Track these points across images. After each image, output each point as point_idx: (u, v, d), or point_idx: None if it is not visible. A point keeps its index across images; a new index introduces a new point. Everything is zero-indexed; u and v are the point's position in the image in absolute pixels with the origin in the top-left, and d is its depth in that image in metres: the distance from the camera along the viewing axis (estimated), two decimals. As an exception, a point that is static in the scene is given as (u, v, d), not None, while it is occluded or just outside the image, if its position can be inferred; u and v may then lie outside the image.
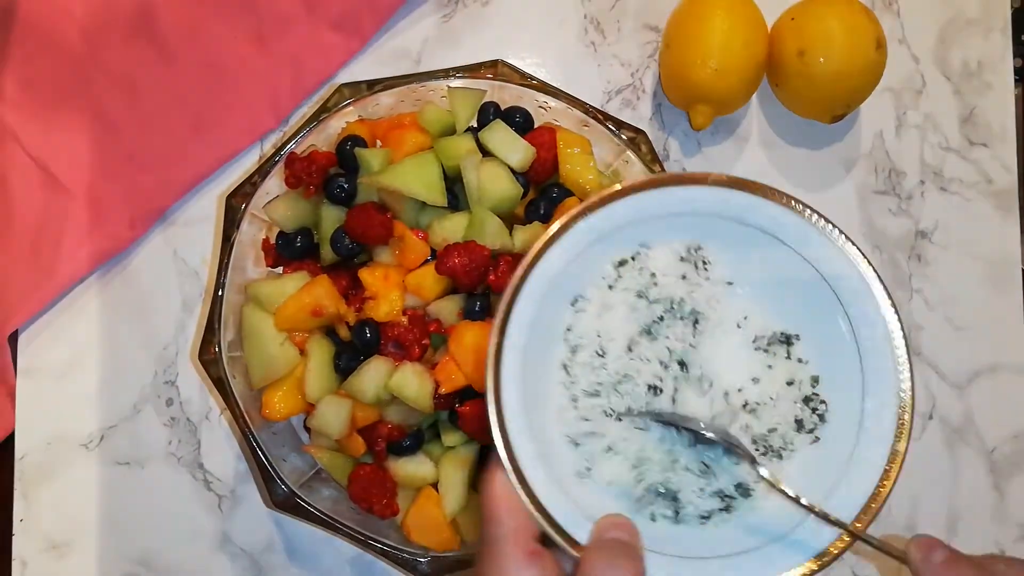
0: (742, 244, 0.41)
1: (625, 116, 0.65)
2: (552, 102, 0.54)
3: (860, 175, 0.65)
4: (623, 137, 0.53)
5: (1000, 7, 0.67)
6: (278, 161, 0.53)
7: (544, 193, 0.55)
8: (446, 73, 0.53)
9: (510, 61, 0.54)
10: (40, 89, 0.62)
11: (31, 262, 0.60)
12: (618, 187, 0.39)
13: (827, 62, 0.58)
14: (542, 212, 0.54)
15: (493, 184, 0.52)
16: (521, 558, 0.36)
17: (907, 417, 0.39)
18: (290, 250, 0.55)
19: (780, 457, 0.41)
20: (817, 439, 0.41)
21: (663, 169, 0.53)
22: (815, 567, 0.37)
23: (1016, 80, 0.68)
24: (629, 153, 0.54)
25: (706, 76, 0.58)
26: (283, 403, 0.52)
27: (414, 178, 0.51)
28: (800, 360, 0.41)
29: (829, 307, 0.40)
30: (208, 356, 0.51)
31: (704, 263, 0.42)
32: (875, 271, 0.40)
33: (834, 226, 0.39)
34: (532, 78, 0.54)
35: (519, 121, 0.55)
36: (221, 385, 0.51)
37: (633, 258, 0.42)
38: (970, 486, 0.63)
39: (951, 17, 0.67)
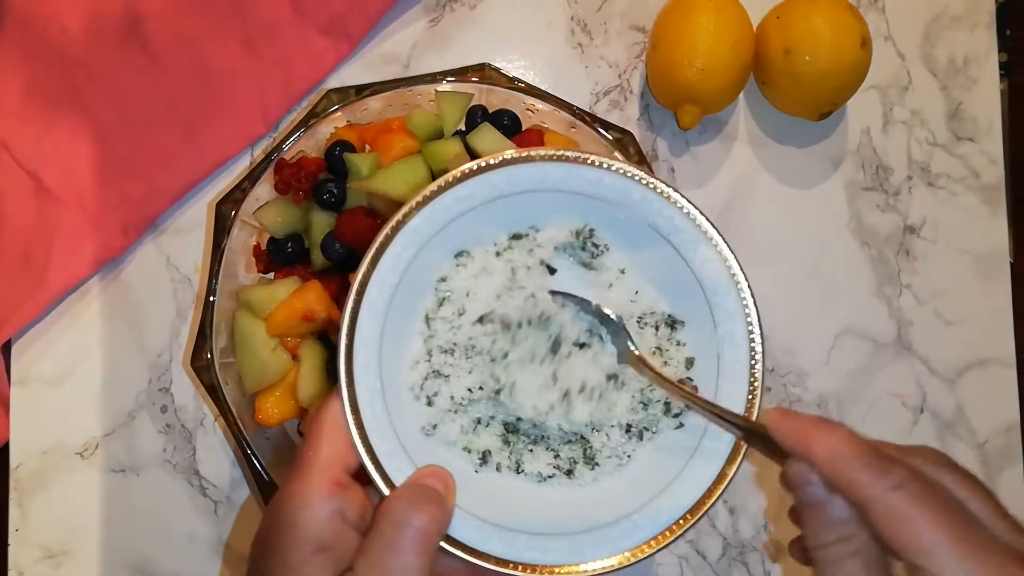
0: (637, 239, 0.43)
1: (613, 117, 0.65)
2: (540, 104, 0.54)
3: (848, 172, 0.66)
4: (611, 138, 0.54)
5: (985, 2, 0.68)
6: (267, 167, 0.53)
7: (533, 195, 0.55)
8: (434, 77, 0.54)
9: (498, 64, 0.54)
10: (30, 98, 0.62)
11: (23, 271, 0.60)
12: (528, 153, 0.40)
13: (813, 60, 0.58)
14: (531, 214, 0.54)
15: (482, 187, 0.52)
16: (324, 486, 0.35)
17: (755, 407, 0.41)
18: (281, 256, 0.55)
19: (640, 438, 0.43)
20: (681, 425, 0.43)
21: (651, 170, 0.54)
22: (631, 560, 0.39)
23: (1001, 75, 0.68)
24: (617, 154, 0.54)
25: (693, 76, 0.58)
26: (276, 408, 0.52)
27: (403, 182, 0.52)
28: (679, 343, 0.44)
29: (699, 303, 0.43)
30: (200, 363, 0.51)
31: (595, 247, 0.44)
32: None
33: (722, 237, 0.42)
34: (519, 81, 0.54)
35: (507, 124, 0.55)
36: (214, 391, 0.51)
37: (527, 235, 0.43)
38: (962, 479, 0.63)
39: (936, 13, 0.68)
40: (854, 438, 0.34)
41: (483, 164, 0.40)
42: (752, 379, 0.41)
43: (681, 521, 0.39)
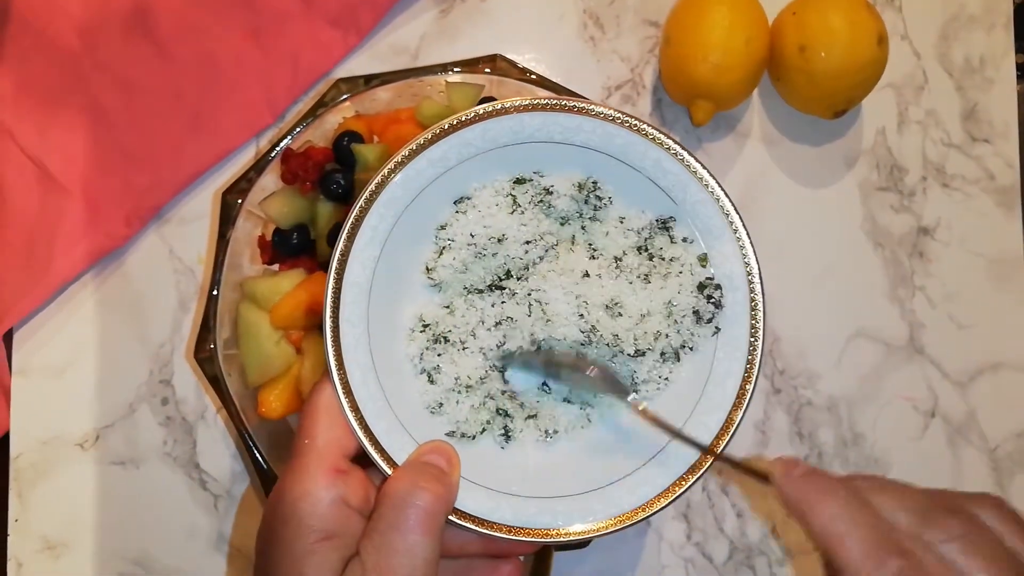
0: (633, 186, 0.42)
1: (625, 112, 0.64)
2: (551, 97, 0.54)
3: (862, 171, 0.65)
4: (623, 133, 0.53)
5: (1002, 3, 0.67)
6: (274, 157, 0.52)
7: (543, 189, 0.54)
8: (444, 68, 0.53)
9: (509, 56, 0.54)
10: (36, 86, 0.62)
11: (26, 260, 0.60)
12: (502, 105, 0.39)
13: (829, 58, 0.57)
14: (541, 208, 0.53)
15: (491, 180, 0.51)
16: (324, 475, 0.35)
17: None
18: (286, 247, 0.54)
19: (678, 359, 0.42)
20: (718, 329, 0.42)
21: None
22: (677, 489, 0.39)
23: (1018, 76, 0.67)
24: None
25: (706, 72, 0.58)
26: (279, 401, 0.51)
27: (411, 174, 0.51)
28: (685, 239, 0.43)
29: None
30: (203, 354, 0.51)
31: (599, 199, 0.43)
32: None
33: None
34: (531, 73, 0.53)
35: (518, 117, 0.54)
36: (217, 384, 0.50)
37: (530, 180, 0.42)
38: (972, 484, 0.62)
39: (953, 13, 0.67)
40: (853, 506, 0.32)
41: (454, 122, 0.39)
42: (752, 327, 0.41)
43: (689, 472, 0.39)
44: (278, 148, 0.52)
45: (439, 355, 0.41)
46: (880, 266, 0.64)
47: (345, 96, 0.52)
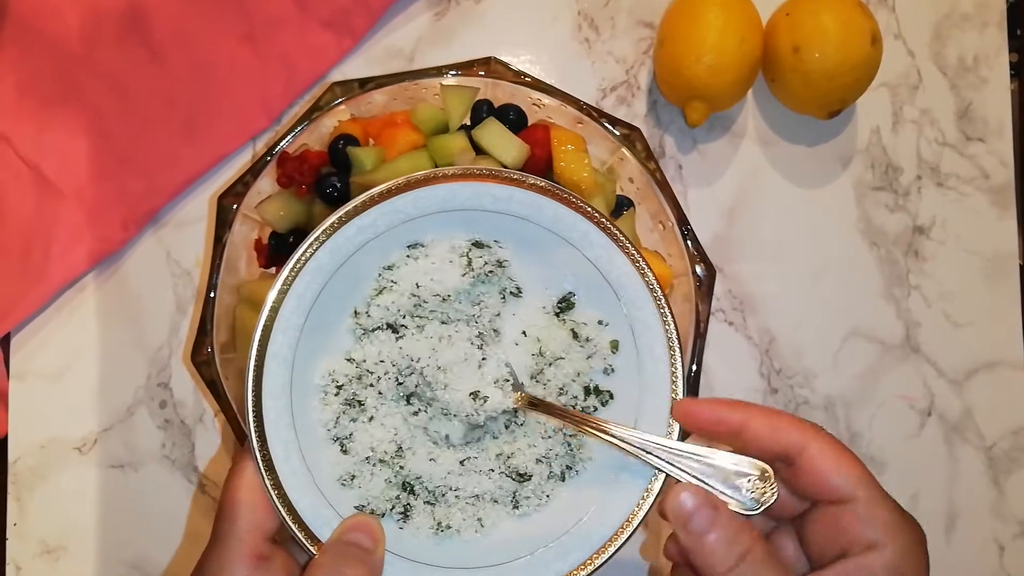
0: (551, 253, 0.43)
1: (620, 113, 0.64)
2: (546, 99, 0.54)
3: (857, 171, 0.65)
4: (618, 134, 0.53)
5: (995, 1, 0.67)
6: (270, 161, 0.52)
7: (538, 191, 0.54)
8: (439, 71, 0.53)
9: (504, 59, 0.54)
10: (31, 91, 0.62)
11: (23, 265, 0.60)
12: (432, 173, 0.41)
13: (822, 58, 0.58)
14: (536, 210, 0.53)
15: (487, 182, 0.51)
16: (245, 563, 0.34)
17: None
18: (283, 250, 0.54)
19: (563, 479, 0.43)
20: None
21: (658, 167, 0.53)
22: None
23: (1012, 75, 0.68)
24: (624, 150, 0.53)
25: (701, 72, 0.58)
26: (277, 405, 0.51)
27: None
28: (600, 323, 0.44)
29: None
30: (201, 358, 0.51)
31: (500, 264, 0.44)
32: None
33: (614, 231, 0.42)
34: (525, 75, 0.53)
35: (513, 119, 0.54)
36: (214, 387, 0.50)
37: (486, 245, 0.43)
38: (969, 482, 0.63)
39: (946, 12, 0.67)
40: (757, 407, 0.37)
41: (384, 190, 0.40)
42: (672, 393, 0.41)
43: (613, 538, 0.39)
44: (274, 152, 0.52)
45: (353, 420, 0.42)
46: (875, 265, 0.64)
47: (340, 99, 0.52)
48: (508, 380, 0.43)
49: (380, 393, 0.42)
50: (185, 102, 0.62)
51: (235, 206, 0.52)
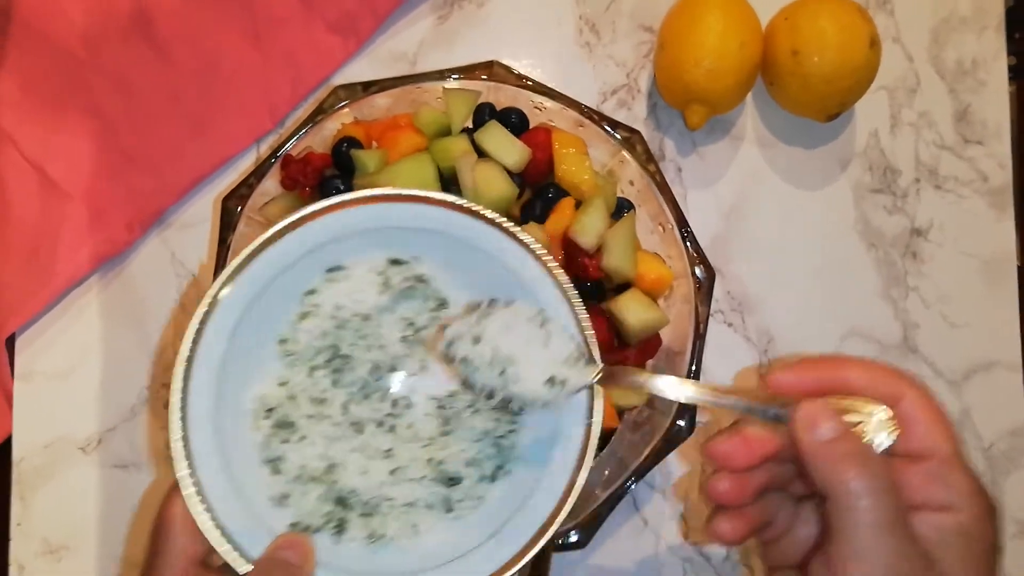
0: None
1: (620, 116, 0.65)
2: (547, 103, 0.54)
3: (855, 174, 0.65)
4: (618, 137, 0.53)
5: (993, 5, 0.68)
6: (274, 163, 0.53)
7: (540, 194, 0.55)
8: (441, 74, 0.54)
9: (506, 62, 0.54)
10: (37, 91, 0.62)
11: (28, 265, 0.60)
12: (340, 199, 0.41)
13: (821, 61, 0.58)
14: (538, 212, 0.54)
15: (489, 185, 0.52)
16: None
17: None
18: (286, 252, 0.55)
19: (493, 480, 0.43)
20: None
21: (658, 169, 0.53)
22: None
23: (1010, 78, 0.68)
24: (624, 153, 0.54)
25: (701, 76, 0.58)
26: (280, 405, 0.52)
27: (409, 179, 0.51)
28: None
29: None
30: (205, 358, 0.51)
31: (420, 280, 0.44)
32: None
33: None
34: (527, 79, 0.54)
35: (514, 122, 0.55)
36: (218, 387, 0.51)
37: (404, 261, 0.43)
38: (967, 483, 0.63)
39: (945, 15, 0.67)
40: (877, 482, 0.33)
41: (300, 216, 0.40)
42: (588, 432, 0.41)
43: (537, 534, 0.39)
44: (278, 154, 0.52)
45: (284, 442, 0.42)
46: (873, 267, 0.65)
47: (344, 103, 0.53)
48: (580, 356, 0.41)
49: (310, 416, 0.42)
50: (191, 103, 0.62)
51: (239, 208, 0.52)
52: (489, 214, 0.42)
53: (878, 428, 0.34)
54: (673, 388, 0.39)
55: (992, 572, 0.33)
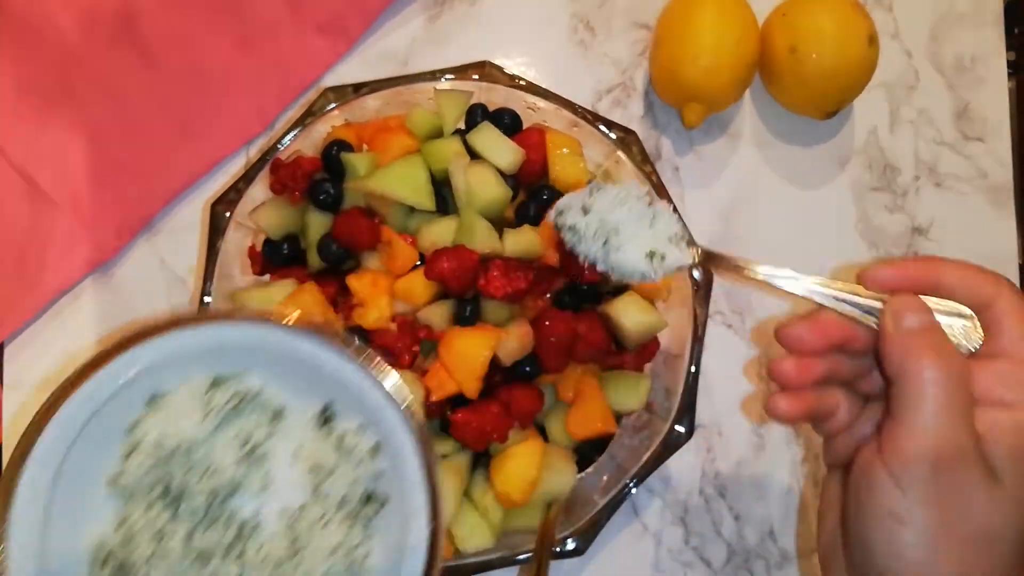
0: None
1: (616, 115, 0.64)
2: (541, 103, 0.53)
3: (855, 172, 0.65)
4: (613, 137, 0.53)
5: (992, 1, 0.67)
6: (263, 167, 0.52)
7: (534, 195, 0.54)
8: (433, 75, 0.53)
9: (499, 61, 0.53)
10: (24, 98, 0.61)
11: (16, 273, 0.60)
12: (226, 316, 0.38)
13: (819, 58, 0.57)
14: (532, 214, 0.53)
15: (482, 187, 0.51)
16: None
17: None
18: (277, 257, 0.54)
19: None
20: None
21: (654, 169, 0.53)
22: None
23: (1009, 74, 0.67)
24: (620, 154, 0.53)
25: (697, 74, 0.57)
26: (272, 413, 0.51)
27: (401, 182, 0.51)
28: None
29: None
30: (195, 366, 0.50)
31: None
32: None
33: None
34: (520, 79, 0.53)
35: (507, 123, 0.54)
36: (208, 396, 0.50)
37: (230, 378, 0.40)
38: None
39: (943, 12, 0.67)
40: (945, 261, 0.37)
41: (108, 350, 0.38)
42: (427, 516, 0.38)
43: None
44: (267, 158, 0.52)
45: None
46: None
47: (334, 105, 0.52)
48: (683, 237, 0.42)
49: (152, 555, 0.39)
50: (179, 107, 0.61)
51: (228, 213, 0.51)
52: (326, 336, 0.38)
53: (963, 333, 0.35)
54: (774, 276, 0.40)
55: None
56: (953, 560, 0.31)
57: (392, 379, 0.39)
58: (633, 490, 0.51)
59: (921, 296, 0.36)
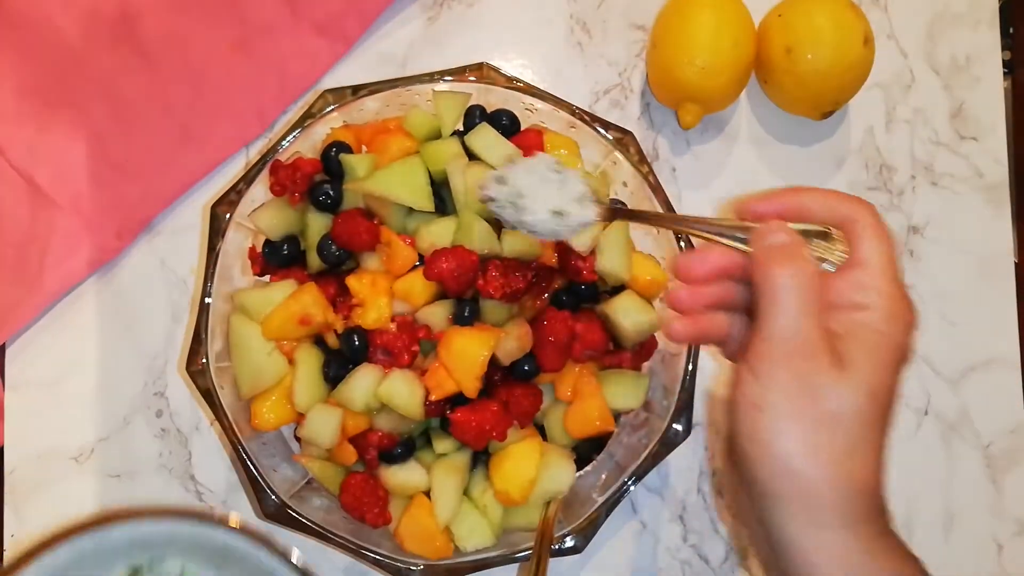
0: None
1: (613, 116, 0.64)
2: (539, 104, 0.54)
3: (851, 171, 0.65)
4: (610, 138, 0.53)
5: (987, 0, 0.67)
6: (263, 168, 0.52)
7: (532, 196, 0.54)
8: (431, 77, 0.53)
9: (496, 63, 0.54)
10: (24, 100, 0.62)
11: (17, 274, 0.60)
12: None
13: (815, 59, 0.58)
14: (530, 215, 0.53)
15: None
16: None
17: None
18: (277, 258, 0.54)
19: None
20: None
21: (651, 170, 0.53)
22: None
23: (1005, 73, 0.68)
24: (617, 154, 0.53)
25: (694, 74, 0.58)
26: (272, 413, 0.51)
27: (400, 183, 0.51)
28: None
29: None
30: (195, 367, 0.51)
31: None
32: None
33: None
34: (518, 80, 0.53)
35: (505, 124, 0.55)
36: (209, 396, 0.50)
37: (149, 567, 0.40)
38: (966, 481, 0.63)
39: (939, 11, 0.67)
40: (809, 190, 0.40)
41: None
42: None
43: None
44: (266, 160, 0.52)
45: None
46: (870, 265, 0.64)
47: (333, 107, 0.52)
48: (589, 197, 0.45)
49: None
50: (179, 109, 0.62)
51: (228, 215, 0.52)
52: (239, 531, 0.39)
53: (828, 249, 0.39)
54: (672, 220, 0.45)
55: (892, 369, 0.36)
56: (802, 439, 0.35)
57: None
58: (631, 488, 0.51)
59: (790, 222, 0.39)
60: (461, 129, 0.55)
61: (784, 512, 0.35)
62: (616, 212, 0.47)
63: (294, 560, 0.39)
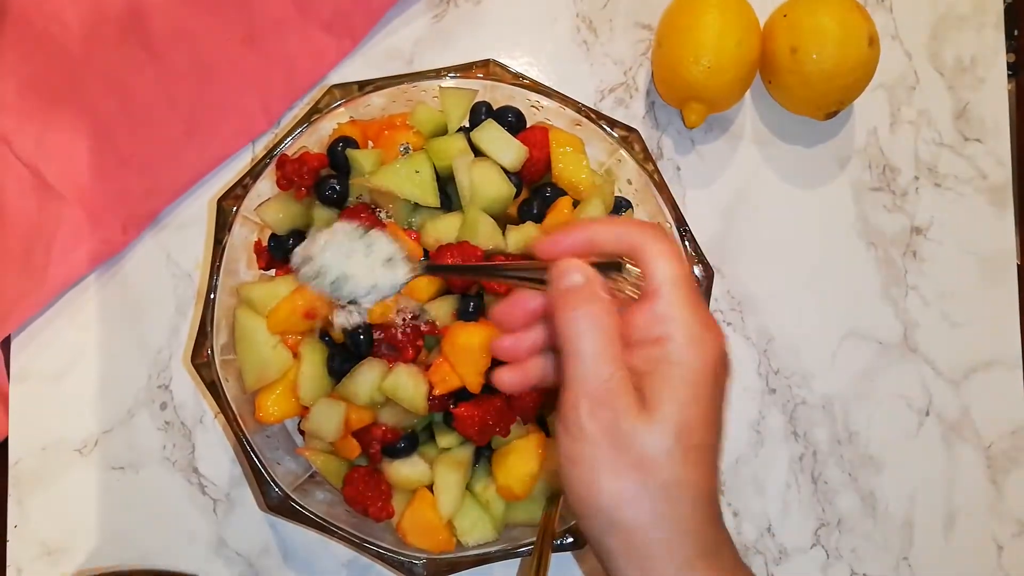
0: None
1: (618, 115, 0.64)
2: (544, 101, 0.54)
3: (854, 172, 0.65)
4: (616, 136, 0.53)
5: (992, 2, 0.67)
6: (269, 163, 0.52)
7: (537, 193, 0.55)
8: (437, 73, 0.53)
9: (502, 60, 0.54)
10: (32, 93, 0.62)
11: (23, 267, 0.60)
12: None
13: (820, 59, 0.58)
14: (535, 212, 0.54)
15: (486, 184, 0.52)
16: None
17: None
18: (282, 252, 0.54)
19: None
20: None
21: (656, 168, 0.53)
22: None
23: (1009, 75, 0.68)
24: (622, 152, 0.54)
25: (699, 74, 0.58)
26: (276, 406, 0.51)
27: (406, 179, 0.51)
28: None
29: None
30: (201, 360, 0.51)
31: None
32: None
33: None
34: (524, 77, 0.54)
35: (511, 121, 0.55)
36: (214, 389, 0.51)
37: None
38: (967, 482, 0.63)
39: (943, 13, 0.67)
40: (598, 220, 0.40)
41: None
42: None
43: None
44: (273, 154, 0.52)
45: None
46: (873, 266, 0.64)
47: (339, 102, 0.53)
48: (400, 256, 0.44)
49: None
50: (186, 103, 0.62)
51: (235, 208, 0.52)
52: None
53: (625, 282, 0.37)
54: (475, 271, 0.44)
55: (704, 399, 0.34)
56: (619, 489, 0.33)
57: None
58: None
59: (583, 257, 0.37)
60: (467, 125, 0.55)
61: (624, 567, 0.34)
62: (428, 268, 0.45)
63: None
